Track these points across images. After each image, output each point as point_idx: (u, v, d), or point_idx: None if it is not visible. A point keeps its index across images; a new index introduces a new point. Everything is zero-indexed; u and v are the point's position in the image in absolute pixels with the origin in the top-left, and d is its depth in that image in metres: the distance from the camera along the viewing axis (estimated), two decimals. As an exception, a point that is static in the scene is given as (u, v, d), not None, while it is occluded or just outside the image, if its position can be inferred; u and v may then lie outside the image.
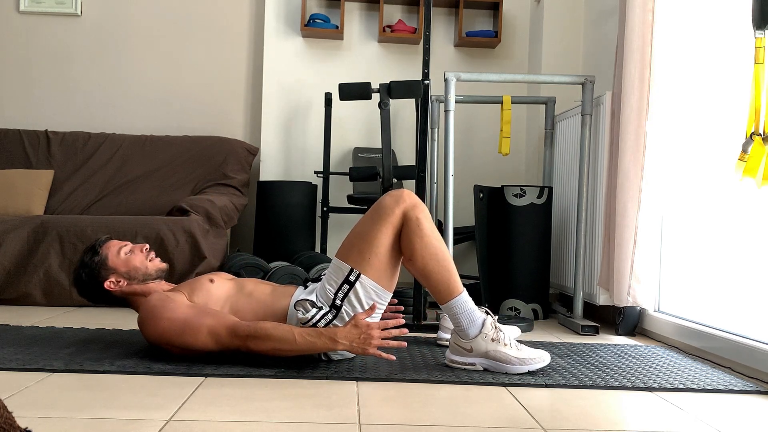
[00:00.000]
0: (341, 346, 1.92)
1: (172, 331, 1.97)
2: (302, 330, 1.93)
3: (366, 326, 1.92)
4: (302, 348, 1.92)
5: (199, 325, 1.95)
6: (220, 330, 1.94)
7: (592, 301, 3.08)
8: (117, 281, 2.14)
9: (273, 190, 3.65)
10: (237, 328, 1.94)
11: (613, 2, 3.41)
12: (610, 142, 2.93)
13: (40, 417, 1.49)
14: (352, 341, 1.91)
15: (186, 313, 1.98)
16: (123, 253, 2.16)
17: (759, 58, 1.99)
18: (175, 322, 1.97)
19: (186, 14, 4.18)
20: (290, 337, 1.91)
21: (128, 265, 2.15)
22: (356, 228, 2.07)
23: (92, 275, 2.14)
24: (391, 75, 4.10)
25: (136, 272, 2.15)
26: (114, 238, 2.24)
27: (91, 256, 2.16)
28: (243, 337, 1.93)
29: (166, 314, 1.99)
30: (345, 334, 1.92)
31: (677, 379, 2.02)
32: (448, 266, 2.02)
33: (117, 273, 2.14)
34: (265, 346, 1.92)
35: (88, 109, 4.15)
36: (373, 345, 1.91)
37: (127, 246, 2.19)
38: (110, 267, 2.14)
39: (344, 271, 2.02)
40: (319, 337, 1.92)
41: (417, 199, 2.05)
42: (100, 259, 2.15)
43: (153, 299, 2.04)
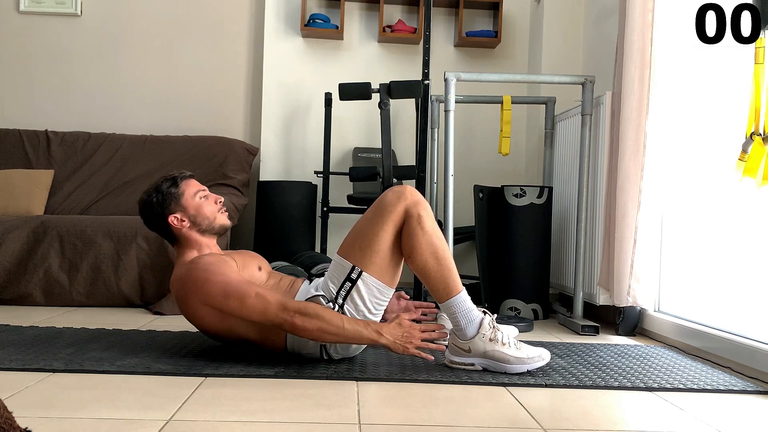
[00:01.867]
0: (385, 341, 1.94)
1: (217, 292, 1.95)
2: (351, 318, 1.96)
3: (409, 326, 1.98)
4: (348, 335, 1.93)
5: (248, 291, 1.94)
6: (269, 299, 1.93)
7: (592, 301, 3.08)
8: (181, 219, 2.13)
9: (273, 190, 3.65)
10: (286, 302, 1.93)
11: (613, 2, 3.41)
12: (610, 142, 2.93)
13: (40, 417, 1.49)
14: (396, 339, 1.95)
15: (237, 278, 1.98)
16: (199, 197, 2.15)
17: (759, 58, 1.99)
18: (225, 284, 1.95)
19: (186, 14, 4.18)
20: (339, 322, 1.92)
21: (199, 209, 2.14)
22: (358, 225, 2.06)
23: (163, 203, 2.13)
24: (391, 75, 4.10)
25: (203, 219, 2.14)
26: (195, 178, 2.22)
27: (170, 185, 2.15)
28: (292, 311, 1.91)
29: (216, 276, 1.97)
30: (390, 330, 1.96)
31: (677, 379, 2.02)
32: (448, 265, 2.02)
33: (185, 212, 2.13)
34: (312, 325, 1.91)
35: (88, 109, 4.15)
36: (414, 344, 1.96)
37: (205, 191, 2.19)
38: (182, 204, 2.13)
39: (346, 268, 2.02)
40: (366, 327, 1.94)
41: (419, 196, 2.04)
42: (177, 192, 2.14)
43: (206, 259, 2.03)
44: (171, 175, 2.19)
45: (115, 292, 3.14)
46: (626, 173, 2.74)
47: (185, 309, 2.05)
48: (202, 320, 2.03)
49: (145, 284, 3.15)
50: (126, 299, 3.16)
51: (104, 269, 3.13)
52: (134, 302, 3.17)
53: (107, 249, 3.14)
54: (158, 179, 2.20)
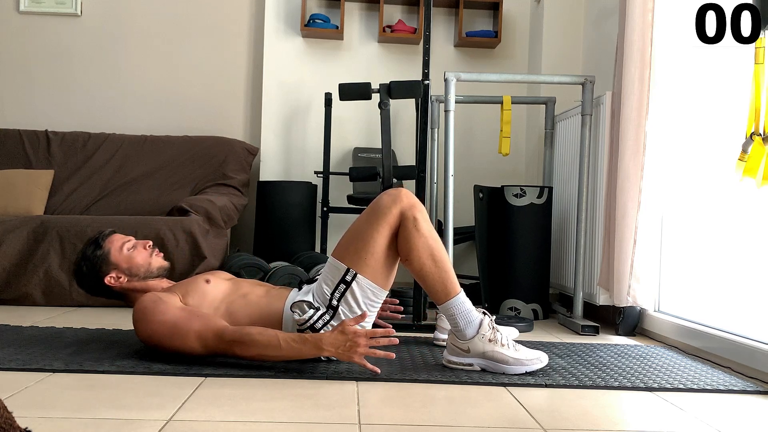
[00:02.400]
0: (326, 353, 1.89)
1: (161, 333, 1.96)
2: (288, 335, 1.91)
3: (353, 333, 1.88)
4: (288, 354, 1.90)
5: (188, 330, 1.93)
6: (207, 334, 1.92)
7: (592, 301, 3.08)
8: (118, 277, 2.13)
9: (273, 190, 3.65)
10: (224, 333, 1.92)
11: (613, 2, 3.41)
12: (610, 142, 2.93)
13: (40, 417, 1.49)
14: (338, 348, 1.88)
15: (176, 316, 1.96)
16: (126, 249, 2.14)
17: (759, 58, 1.99)
18: (165, 324, 1.95)
19: (186, 14, 4.18)
20: (275, 343, 1.89)
21: (130, 261, 2.13)
22: (353, 227, 2.06)
23: (93, 269, 2.12)
24: (391, 75, 4.10)
25: (138, 269, 2.14)
26: (117, 232, 2.21)
27: (94, 249, 2.13)
28: (229, 342, 1.91)
29: (156, 317, 1.97)
30: (331, 340, 1.88)
31: (677, 379, 2.02)
32: (445, 267, 2.01)
33: (118, 269, 2.12)
34: (250, 352, 1.90)
35: (88, 109, 4.15)
36: (358, 353, 1.88)
37: (131, 242, 2.17)
38: (112, 262, 2.12)
39: (341, 270, 2.02)
40: (304, 343, 1.89)
41: (414, 199, 2.04)
42: (103, 253, 2.13)
43: (145, 300, 2.02)
44: (92, 238, 2.17)
45: (115, 292, 3.14)
46: (626, 173, 2.74)
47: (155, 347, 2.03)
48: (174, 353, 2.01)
49: (145, 284, 3.14)
50: (126, 299, 3.15)
51: (104, 269, 3.13)
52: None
53: (107, 249, 3.14)
54: (82, 247, 2.19)
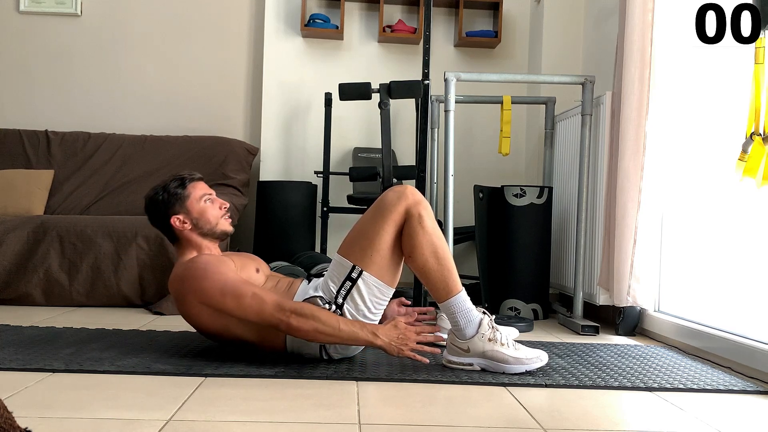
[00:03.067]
0: (380, 342, 1.95)
1: (214, 290, 1.96)
2: (347, 319, 1.96)
3: (405, 328, 1.98)
4: (344, 336, 1.94)
5: (245, 291, 1.95)
6: (266, 299, 1.94)
7: (592, 301, 3.08)
8: (183, 222, 2.14)
9: (273, 190, 3.65)
10: (283, 302, 1.94)
11: (613, 2, 3.41)
12: (610, 142, 2.93)
13: (40, 417, 1.49)
14: (392, 340, 1.96)
15: (235, 277, 1.99)
16: (204, 201, 2.16)
17: (759, 58, 1.99)
18: (222, 282, 1.96)
19: (186, 14, 4.18)
20: (334, 322, 1.93)
21: (202, 213, 2.15)
22: (358, 224, 2.06)
23: (167, 203, 2.14)
24: (391, 75, 4.10)
25: (205, 223, 2.15)
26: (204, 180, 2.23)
27: (177, 186, 2.15)
28: (288, 311, 1.92)
29: (215, 275, 1.98)
30: (386, 332, 1.96)
31: (677, 379, 2.02)
32: (448, 265, 2.02)
33: (189, 215, 2.14)
34: (308, 325, 1.92)
35: (88, 109, 4.15)
36: (409, 347, 1.97)
37: (212, 195, 2.19)
38: (186, 206, 2.14)
39: (346, 268, 2.02)
40: (362, 328, 1.95)
41: (420, 196, 2.04)
42: (184, 194, 2.15)
43: (204, 258, 2.04)
44: (180, 175, 2.20)
45: (115, 292, 3.14)
46: (626, 173, 2.74)
47: (183, 308, 2.05)
48: (200, 319, 2.04)
49: (145, 284, 3.15)
50: (126, 299, 3.16)
51: (104, 269, 3.13)
52: (134, 302, 3.17)
53: (107, 249, 3.14)
54: (168, 177, 2.21)
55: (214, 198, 2.20)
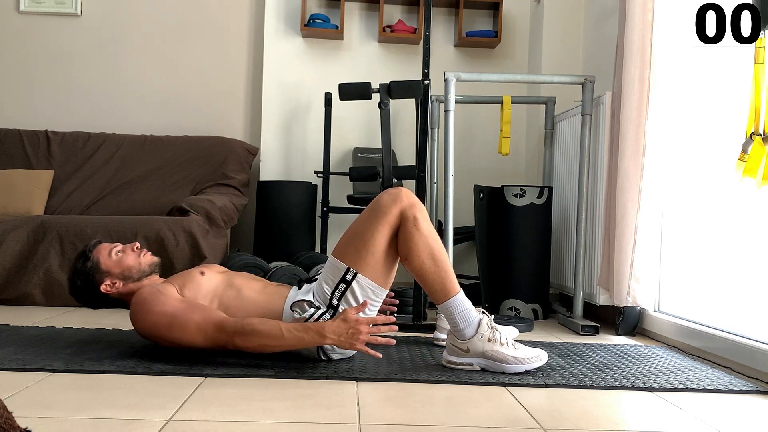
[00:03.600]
0: (329, 341, 1.90)
1: (161, 324, 1.96)
2: (290, 325, 1.92)
3: (355, 321, 1.90)
4: (290, 343, 1.90)
5: (188, 321, 1.94)
6: (207, 326, 1.93)
7: (592, 301, 3.08)
8: (113, 283, 2.12)
9: (273, 190, 3.65)
10: (224, 323, 1.92)
11: (613, 2, 3.41)
12: (610, 142, 2.93)
13: (40, 417, 1.49)
14: (340, 335, 1.90)
15: (175, 307, 1.97)
16: (114, 254, 2.13)
17: (759, 58, 1.99)
18: (165, 315, 1.96)
19: (186, 14, 4.18)
20: (277, 332, 1.89)
21: (121, 265, 2.12)
22: (353, 226, 2.06)
23: (87, 281, 2.12)
24: (391, 75, 4.10)
25: (130, 271, 2.13)
26: (103, 242, 2.21)
27: (83, 262, 2.13)
28: (230, 333, 1.91)
29: (155, 308, 1.97)
30: (333, 328, 1.90)
31: (677, 379, 2.02)
32: (444, 266, 2.02)
33: (111, 275, 2.12)
34: (252, 343, 1.90)
35: (88, 109, 4.15)
36: (360, 340, 1.90)
37: (118, 246, 2.17)
38: (104, 270, 2.12)
39: (341, 270, 2.02)
40: (306, 331, 1.90)
41: (415, 198, 2.04)
42: (93, 263, 2.12)
43: (144, 292, 2.03)
44: (79, 252, 2.17)
45: (115, 292, 3.14)
46: (626, 173, 2.74)
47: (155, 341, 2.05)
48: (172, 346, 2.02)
49: (145, 284, 3.14)
50: (126, 299, 3.15)
51: (104, 269, 3.13)
52: (134, 302, 3.16)
53: (107, 249, 3.14)
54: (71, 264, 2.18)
55: (121, 246, 2.17)
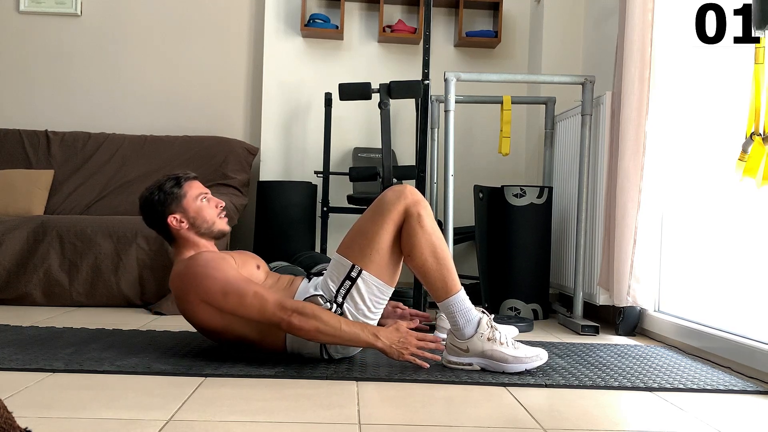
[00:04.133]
0: (381, 344, 1.95)
1: (215, 288, 1.96)
2: (348, 320, 1.96)
3: (406, 332, 1.98)
4: (345, 336, 1.94)
5: (247, 289, 1.95)
6: (267, 297, 1.94)
7: (592, 301, 3.08)
8: (180, 221, 2.12)
9: (273, 190, 3.65)
10: (285, 301, 1.94)
11: (613, 2, 3.41)
12: (610, 142, 2.93)
13: (40, 417, 1.49)
14: (393, 343, 1.96)
15: (237, 276, 1.98)
16: (200, 200, 2.14)
17: (759, 58, 1.99)
18: (222, 281, 1.96)
19: (186, 14, 4.18)
20: (336, 323, 1.93)
21: (199, 212, 2.13)
22: (358, 223, 2.07)
23: (164, 203, 2.12)
24: (391, 75, 4.10)
25: (202, 222, 2.13)
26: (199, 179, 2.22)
27: (173, 185, 2.14)
28: (289, 310, 1.92)
29: (215, 272, 1.97)
30: (387, 334, 1.97)
31: (677, 379, 2.02)
32: (447, 264, 2.02)
33: (185, 214, 2.12)
34: (309, 325, 1.91)
35: (88, 109, 4.15)
36: (409, 351, 1.97)
37: (207, 194, 2.18)
38: (183, 205, 2.12)
39: (346, 267, 2.02)
40: (363, 329, 1.95)
41: (419, 195, 2.04)
42: (180, 193, 2.13)
43: (205, 255, 2.03)
44: (175, 174, 2.18)
45: (115, 292, 3.14)
46: (626, 173, 2.74)
47: (184, 306, 2.05)
48: (201, 318, 2.03)
49: (145, 284, 3.15)
50: (126, 299, 3.16)
51: (104, 269, 3.13)
52: (134, 302, 3.17)
53: (107, 249, 3.14)
54: (162, 177, 2.19)
55: (210, 197, 2.19)
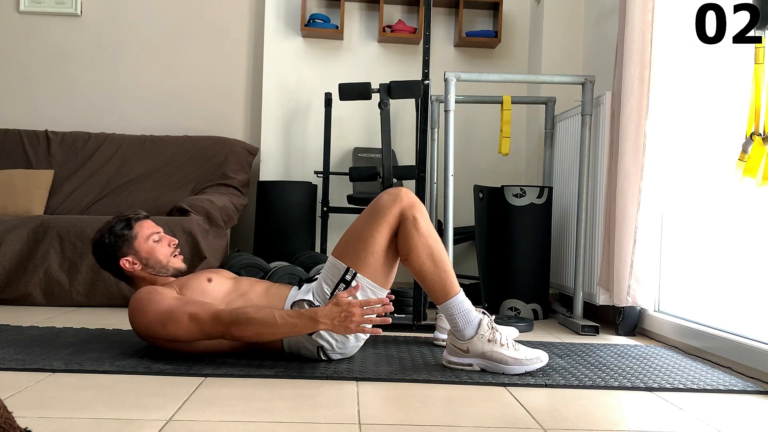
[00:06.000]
0: (322, 325, 1.88)
1: (156, 322, 1.96)
2: (283, 312, 1.91)
3: (347, 304, 1.88)
4: (284, 330, 1.90)
5: (182, 314, 1.93)
6: (203, 316, 1.92)
7: (592, 301, 3.08)
8: (133, 263, 2.11)
9: (273, 190, 3.65)
10: (220, 315, 1.91)
11: (613, 2, 3.41)
12: (610, 142, 2.93)
13: (40, 417, 1.49)
14: (333, 319, 1.87)
15: (171, 304, 1.96)
16: (152, 240, 2.13)
17: (759, 58, 1.99)
18: (159, 313, 1.95)
19: (186, 14, 4.18)
20: (271, 320, 1.88)
21: (151, 254, 2.11)
22: (353, 226, 2.06)
23: (115, 246, 2.10)
24: (391, 75, 4.10)
25: (154, 263, 2.12)
26: (150, 218, 2.20)
27: (123, 227, 2.12)
28: (226, 324, 1.90)
29: (151, 306, 1.97)
30: (326, 312, 1.88)
31: (677, 379, 2.02)
32: (444, 266, 2.01)
33: (137, 255, 2.11)
34: (248, 332, 1.90)
35: (88, 109, 4.15)
36: (354, 322, 1.87)
37: (159, 234, 2.15)
38: (134, 247, 2.11)
39: (340, 270, 2.02)
40: (299, 317, 1.89)
41: (415, 198, 2.04)
42: (130, 235, 2.11)
43: (141, 292, 2.03)
44: (125, 215, 2.16)
45: (115, 292, 3.14)
46: (626, 173, 2.74)
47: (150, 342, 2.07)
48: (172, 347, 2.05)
49: (145, 284, 3.14)
50: (126, 299, 3.15)
51: (104, 269, 3.13)
52: (134, 302, 3.16)
53: (107, 249, 3.14)
54: (112, 219, 2.17)
55: (162, 235, 2.16)
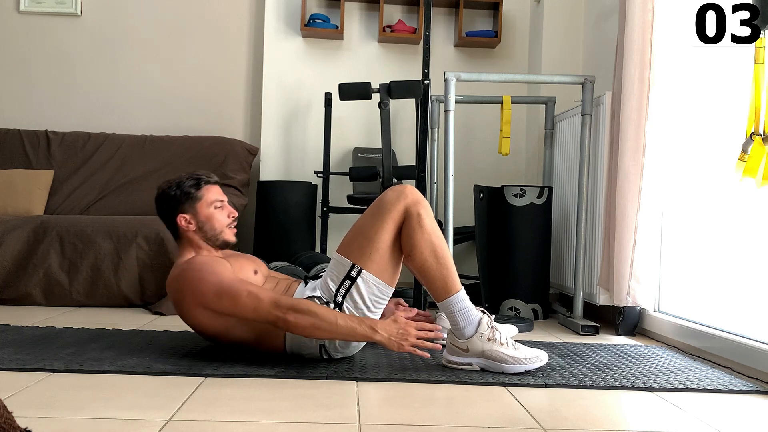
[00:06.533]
0: (379, 337, 1.92)
1: (211, 292, 1.95)
2: (345, 314, 1.94)
3: (405, 323, 1.96)
4: (342, 331, 1.92)
5: (240, 290, 1.94)
6: (261, 296, 1.93)
7: (592, 301, 3.08)
8: (189, 222, 2.12)
9: (273, 190, 3.65)
10: (280, 300, 1.93)
11: (613, 2, 3.41)
12: (610, 142, 2.93)
13: (40, 417, 1.49)
14: (391, 335, 1.93)
15: (231, 278, 1.98)
16: (214, 206, 2.15)
17: (759, 58, 1.99)
18: (217, 284, 1.95)
19: (186, 14, 4.18)
20: (332, 318, 1.91)
21: (209, 219, 2.14)
22: (358, 223, 2.06)
23: (178, 200, 2.12)
24: (391, 75, 4.10)
25: (209, 229, 2.14)
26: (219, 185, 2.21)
27: (191, 186, 2.14)
28: (284, 308, 1.90)
29: (209, 275, 1.97)
30: (385, 327, 1.94)
31: (677, 379, 2.02)
32: (447, 264, 2.02)
33: (195, 216, 2.12)
34: (305, 321, 1.90)
35: (88, 109, 4.15)
36: (409, 342, 1.94)
37: (222, 202, 2.18)
38: (196, 207, 2.13)
39: (346, 266, 2.02)
40: (360, 323, 1.93)
41: (419, 195, 2.04)
42: (196, 195, 2.13)
43: (199, 259, 2.03)
44: (197, 174, 2.18)
45: (115, 292, 3.14)
46: (626, 173, 2.74)
47: (181, 310, 2.05)
48: (198, 321, 2.03)
49: (145, 284, 3.15)
50: (126, 299, 3.16)
51: (104, 269, 3.13)
52: (134, 302, 3.17)
53: (107, 249, 3.14)
54: (185, 174, 2.19)
55: (225, 205, 2.19)
